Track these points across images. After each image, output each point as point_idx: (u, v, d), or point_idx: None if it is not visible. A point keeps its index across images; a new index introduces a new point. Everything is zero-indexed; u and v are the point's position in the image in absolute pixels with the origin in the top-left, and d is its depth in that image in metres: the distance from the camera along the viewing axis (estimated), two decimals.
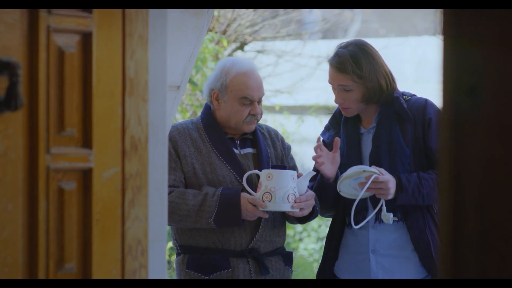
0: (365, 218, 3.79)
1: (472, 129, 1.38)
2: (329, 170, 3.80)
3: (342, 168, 3.82)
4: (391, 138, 3.75)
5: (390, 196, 3.69)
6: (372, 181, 3.66)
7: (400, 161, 3.73)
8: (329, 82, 3.84)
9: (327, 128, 3.98)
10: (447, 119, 1.41)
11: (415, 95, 3.87)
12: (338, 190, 3.77)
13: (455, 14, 1.40)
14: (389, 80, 3.78)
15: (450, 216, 1.41)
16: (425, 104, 3.78)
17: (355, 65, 3.74)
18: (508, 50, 1.35)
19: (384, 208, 3.72)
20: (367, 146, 3.83)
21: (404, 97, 3.81)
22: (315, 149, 3.82)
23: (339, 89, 3.80)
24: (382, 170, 3.70)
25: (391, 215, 3.70)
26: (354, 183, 3.72)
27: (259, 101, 3.92)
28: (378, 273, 3.78)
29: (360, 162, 3.82)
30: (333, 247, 3.90)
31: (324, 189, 3.86)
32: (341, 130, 3.89)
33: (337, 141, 3.80)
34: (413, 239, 3.73)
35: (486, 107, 1.37)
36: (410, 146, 3.74)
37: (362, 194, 3.71)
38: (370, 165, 3.77)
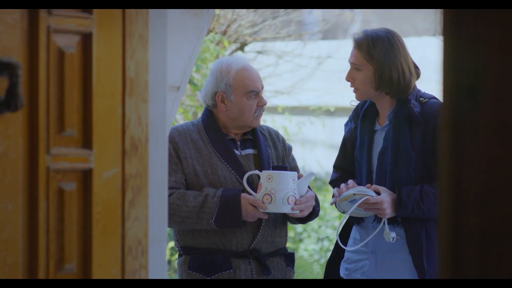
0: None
1: (472, 129, 1.38)
2: None
3: (356, 162, 3.85)
4: (398, 140, 3.72)
5: (388, 215, 3.71)
6: (366, 203, 3.68)
7: (404, 166, 3.70)
8: (348, 61, 3.85)
9: (349, 121, 3.99)
10: (447, 119, 1.41)
11: (434, 98, 3.80)
12: (338, 209, 3.80)
13: (455, 14, 1.40)
14: (403, 75, 3.74)
15: (450, 216, 1.41)
16: (440, 108, 3.69)
17: (371, 45, 3.74)
18: (508, 51, 1.35)
19: (387, 226, 3.72)
20: (378, 144, 3.81)
21: (421, 99, 3.76)
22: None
23: (351, 67, 3.81)
24: (381, 188, 3.70)
25: (394, 234, 3.70)
26: (351, 205, 3.72)
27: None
28: (376, 273, 3.78)
29: (369, 159, 3.81)
30: (343, 243, 3.90)
31: None
32: (358, 124, 3.90)
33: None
34: (408, 243, 3.73)
35: (486, 107, 1.37)
36: (417, 150, 3.70)
37: (352, 211, 3.73)
38: (377, 166, 3.76)
